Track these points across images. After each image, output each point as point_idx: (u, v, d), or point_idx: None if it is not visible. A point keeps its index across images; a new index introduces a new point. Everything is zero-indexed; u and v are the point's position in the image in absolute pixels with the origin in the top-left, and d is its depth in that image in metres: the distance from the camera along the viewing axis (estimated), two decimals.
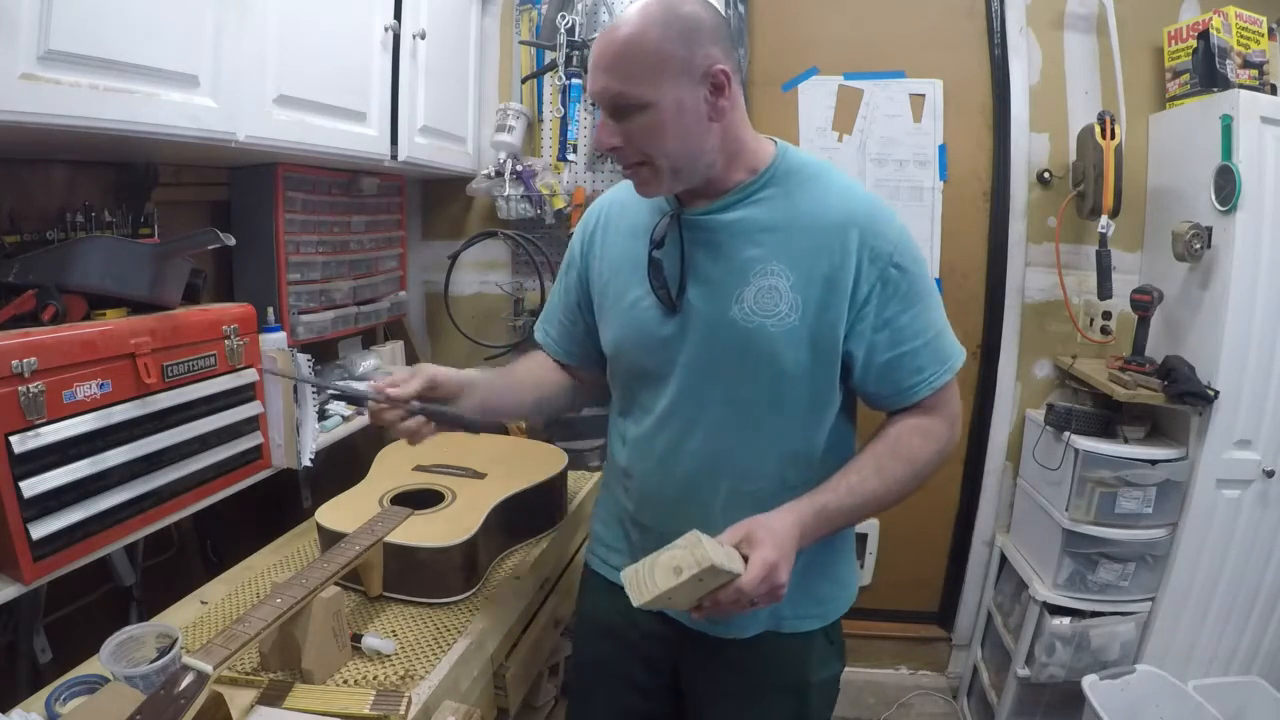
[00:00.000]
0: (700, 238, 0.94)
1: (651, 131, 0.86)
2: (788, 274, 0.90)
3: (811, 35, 2.10)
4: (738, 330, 0.92)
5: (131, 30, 0.98)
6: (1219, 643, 1.80)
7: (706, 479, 0.97)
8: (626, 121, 0.87)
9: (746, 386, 0.93)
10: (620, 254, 1.03)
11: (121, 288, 1.09)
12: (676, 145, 0.87)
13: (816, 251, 0.90)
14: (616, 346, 1.04)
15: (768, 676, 1.04)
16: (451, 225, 2.20)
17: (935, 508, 2.24)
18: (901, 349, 0.92)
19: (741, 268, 0.92)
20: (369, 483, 1.34)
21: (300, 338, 1.57)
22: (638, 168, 0.90)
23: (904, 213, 2.08)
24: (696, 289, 0.94)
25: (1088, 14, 1.95)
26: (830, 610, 1.06)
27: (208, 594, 1.15)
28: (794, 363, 0.91)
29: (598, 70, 0.87)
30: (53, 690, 0.88)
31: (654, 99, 0.84)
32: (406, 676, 0.96)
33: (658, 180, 0.91)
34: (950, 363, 0.95)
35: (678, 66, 0.84)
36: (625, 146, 0.89)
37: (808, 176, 0.94)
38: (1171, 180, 1.87)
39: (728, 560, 0.78)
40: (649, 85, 0.84)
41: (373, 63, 1.54)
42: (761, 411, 0.94)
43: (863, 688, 2.24)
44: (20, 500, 0.91)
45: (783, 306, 0.90)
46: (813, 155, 1.00)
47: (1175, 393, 1.66)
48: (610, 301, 1.03)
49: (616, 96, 0.86)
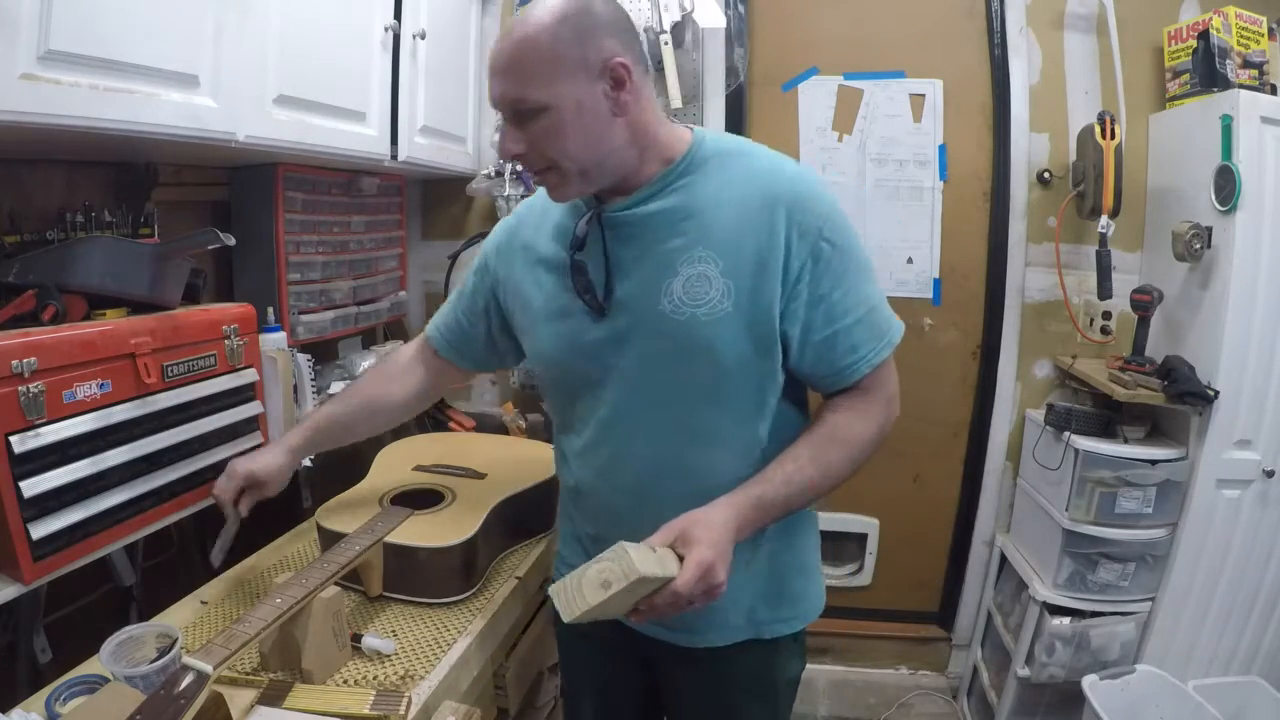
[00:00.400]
0: (622, 234, 0.91)
1: (553, 134, 0.84)
2: (716, 259, 0.87)
3: (811, 35, 2.10)
4: (670, 324, 0.88)
5: (131, 30, 0.98)
6: (1219, 643, 1.80)
7: (655, 483, 0.94)
8: (528, 127, 0.84)
9: (686, 382, 0.90)
10: (541, 258, 0.99)
11: (121, 288, 1.09)
12: (580, 146, 0.85)
13: (743, 233, 0.87)
14: (543, 356, 1.01)
15: (741, 681, 1.03)
16: (451, 225, 2.20)
17: (935, 508, 2.24)
18: (835, 326, 0.89)
19: (667, 259, 0.89)
20: (369, 483, 1.34)
21: (300, 338, 1.57)
22: (545, 173, 0.88)
23: (904, 213, 2.10)
24: (623, 287, 0.91)
25: (1088, 14, 1.95)
26: (807, 610, 1.05)
27: (208, 594, 1.15)
28: (732, 351, 0.88)
29: (493, 77, 0.85)
30: (53, 690, 0.87)
31: (551, 101, 0.82)
32: (406, 676, 0.96)
33: (566, 184, 0.88)
34: (887, 337, 0.92)
35: (572, 65, 0.82)
36: (529, 153, 0.86)
37: (728, 159, 0.91)
38: (1171, 180, 1.87)
39: (659, 567, 0.75)
40: (544, 87, 0.82)
41: (373, 63, 1.54)
42: (704, 406, 0.91)
43: (863, 688, 2.24)
44: (20, 500, 0.91)
45: (714, 294, 0.87)
46: (735, 137, 0.96)
47: (1175, 393, 1.65)
48: (534, 312, 0.99)
49: (514, 102, 0.84)
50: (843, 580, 2.31)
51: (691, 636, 1.00)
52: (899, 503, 2.23)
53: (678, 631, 1.00)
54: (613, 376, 0.94)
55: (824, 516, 2.21)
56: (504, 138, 0.88)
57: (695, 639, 1.01)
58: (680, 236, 0.89)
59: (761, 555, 0.99)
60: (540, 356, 1.02)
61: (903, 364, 0.96)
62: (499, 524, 1.25)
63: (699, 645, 1.01)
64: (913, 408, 2.13)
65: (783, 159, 0.94)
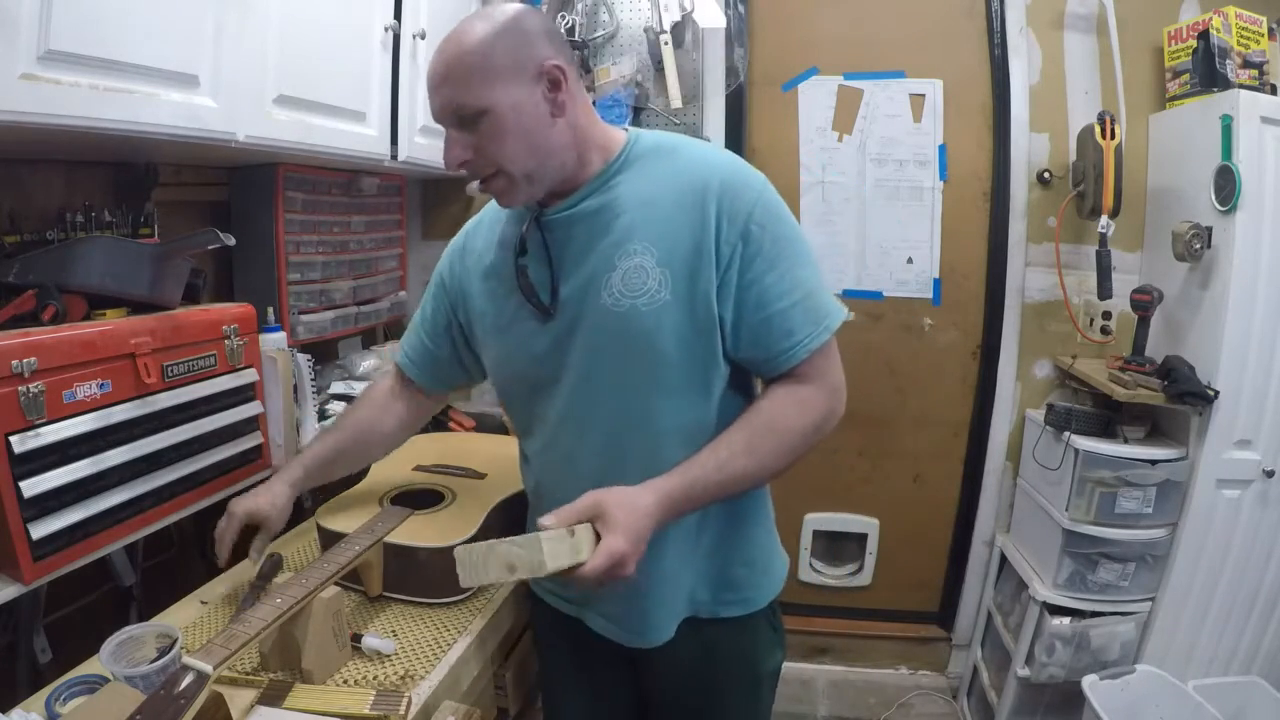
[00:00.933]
0: (561, 235, 0.93)
1: (496, 137, 0.85)
2: (652, 250, 0.89)
3: (811, 35, 2.10)
4: (611, 316, 0.90)
5: (131, 30, 0.98)
6: (1219, 643, 1.80)
7: (611, 475, 0.91)
8: (471, 132, 0.86)
9: (631, 373, 0.92)
10: (489, 270, 1.01)
11: (121, 288, 1.09)
12: (522, 148, 0.87)
13: (678, 224, 0.89)
14: (501, 365, 1.03)
15: (716, 671, 1.04)
16: (451, 225, 2.18)
17: (935, 508, 2.24)
18: (769, 310, 0.89)
19: (605, 254, 0.91)
20: (369, 483, 1.34)
21: (300, 338, 1.57)
22: (492, 180, 0.89)
23: (904, 213, 2.10)
24: (567, 286, 0.93)
25: (1088, 14, 1.95)
26: (755, 596, 1.05)
27: (208, 594, 1.14)
28: (672, 339, 0.89)
29: (434, 89, 0.87)
30: (53, 690, 0.87)
31: (491, 104, 0.84)
32: (406, 676, 0.96)
33: (514, 189, 0.90)
34: (826, 323, 0.91)
35: (509, 69, 0.85)
36: (476, 159, 0.87)
37: (662, 154, 0.94)
38: (1171, 180, 1.87)
39: (571, 556, 0.77)
40: (484, 90, 0.84)
41: (373, 63, 1.54)
42: (650, 395, 0.92)
43: (863, 688, 2.24)
44: (20, 500, 0.91)
45: (651, 283, 0.89)
46: (670, 134, 0.98)
47: (1175, 393, 1.66)
48: (489, 322, 1.02)
49: (457, 109, 0.85)
50: (843, 580, 2.31)
51: (631, 638, 1.02)
52: (899, 503, 2.23)
53: (630, 633, 1.02)
54: (564, 375, 0.95)
55: (824, 517, 2.27)
56: (449, 145, 0.88)
57: (635, 641, 1.02)
58: (616, 231, 0.91)
59: (702, 551, 1.01)
60: (497, 365, 1.05)
61: (903, 364, 0.96)
62: (499, 524, 1.25)
63: (645, 647, 1.02)
64: (913, 408, 2.18)
65: (714, 150, 0.97)
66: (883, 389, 2.15)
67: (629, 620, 1.01)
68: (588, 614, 1.06)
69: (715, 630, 1.03)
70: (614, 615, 1.03)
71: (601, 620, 1.04)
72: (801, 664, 2.28)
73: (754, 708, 1.10)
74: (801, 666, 2.28)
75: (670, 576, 0.98)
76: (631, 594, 0.97)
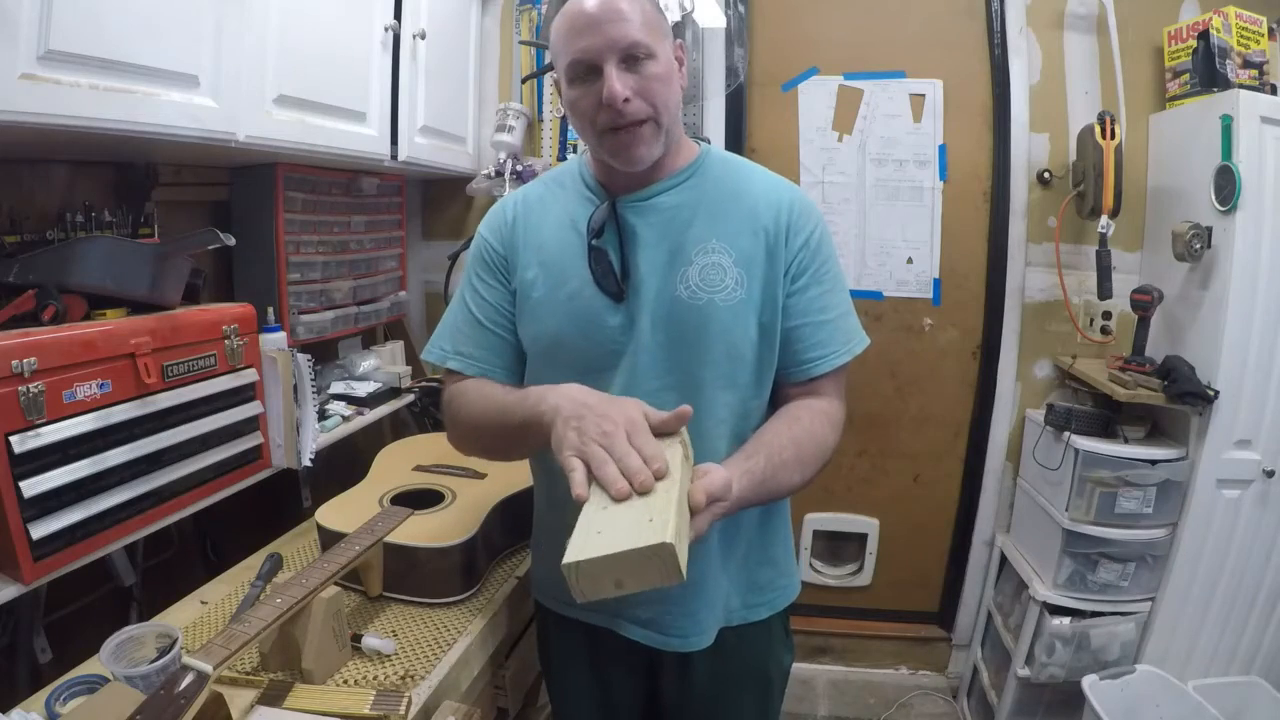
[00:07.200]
0: (639, 223, 0.95)
1: (660, 81, 0.88)
2: (729, 250, 0.93)
3: (811, 35, 2.10)
4: (687, 309, 0.92)
5: (131, 30, 0.98)
6: (1219, 643, 1.80)
7: None
8: (638, 72, 0.87)
9: (699, 366, 0.93)
10: (551, 246, 0.98)
11: (121, 288, 1.09)
12: (673, 101, 0.91)
13: (751, 231, 0.94)
14: (555, 340, 0.97)
15: (734, 673, 1.05)
16: (451, 225, 2.20)
17: (935, 508, 2.24)
18: (807, 320, 0.95)
19: (683, 248, 0.93)
20: (369, 483, 1.34)
21: (300, 338, 1.57)
22: (637, 127, 0.88)
23: (904, 213, 2.10)
24: (640, 273, 0.94)
25: (1088, 14, 1.95)
26: (777, 598, 1.07)
27: (208, 594, 1.15)
28: (744, 337, 0.93)
29: (603, 24, 0.85)
30: (53, 690, 0.87)
31: (659, 50, 0.88)
32: (406, 676, 0.96)
33: (656, 138, 0.90)
34: (851, 345, 0.98)
35: (665, 28, 0.91)
36: (635, 99, 0.87)
37: (734, 167, 1.01)
38: (1171, 180, 1.87)
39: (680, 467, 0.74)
40: (655, 35, 0.88)
41: (373, 62, 1.54)
42: (714, 387, 0.94)
43: (863, 688, 2.24)
44: (20, 500, 0.91)
45: (728, 281, 0.92)
46: (736, 155, 1.05)
47: (1175, 393, 1.65)
48: (542, 295, 0.97)
49: (632, 45, 0.86)
50: (843, 580, 2.31)
51: (668, 641, 1.01)
52: (899, 503, 2.23)
53: (671, 637, 1.01)
54: (623, 360, 0.95)
55: (824, 516, 2.27)
56: (613, 80, 0.85)
57: (673, 644, 1.01)
58: (694, 228, 0.94)
59: (737, 556, 1.02)
60: (547, 337, 0.98)
61: (903, 364, 0.97)
62: (499, 524, 1.25)
63: (682, 650, 1.01)
64: (913, 408, 2.18)
65: (780, 176, 1.03)
66: (883, 389, 2.15)
67: (675, 624, 1.00)
68: (621, 622, 1.03)
69: (739, 634, 1.04)
70: (656, 621, 1.00)
71: (637, 628, 1.01)
72: (801, 664, 2.28)
73: (766, 709, 1.10)
74: (801, 666, 2.28)
75: (713, 577, 0.99)
76: (680, 596, 0.97)
